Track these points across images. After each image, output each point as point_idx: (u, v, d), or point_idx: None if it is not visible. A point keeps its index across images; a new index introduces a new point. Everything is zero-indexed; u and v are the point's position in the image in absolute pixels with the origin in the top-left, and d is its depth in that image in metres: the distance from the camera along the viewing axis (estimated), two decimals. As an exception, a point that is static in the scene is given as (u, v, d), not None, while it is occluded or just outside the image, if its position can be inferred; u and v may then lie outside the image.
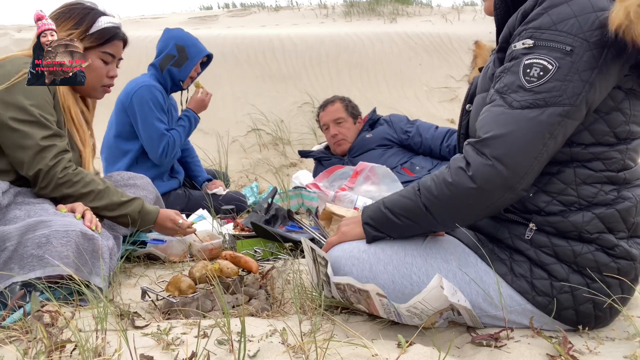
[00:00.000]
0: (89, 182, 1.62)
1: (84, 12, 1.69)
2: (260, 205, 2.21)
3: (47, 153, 1.55)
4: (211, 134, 4.54)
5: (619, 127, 1.09)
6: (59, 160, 1.57)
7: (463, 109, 1.32)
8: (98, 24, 1.69)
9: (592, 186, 1.10)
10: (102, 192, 1.64)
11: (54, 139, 1.58)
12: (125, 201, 1.69)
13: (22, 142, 1.53)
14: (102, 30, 1.69)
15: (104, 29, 1.70)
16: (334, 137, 3.15)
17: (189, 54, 2.77)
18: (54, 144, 1.57)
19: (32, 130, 1.53)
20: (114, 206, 1.66)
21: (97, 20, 1.69)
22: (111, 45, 1.74)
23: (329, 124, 3.16)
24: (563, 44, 1.01)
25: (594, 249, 1.09)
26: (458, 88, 5.26)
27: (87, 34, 1.68)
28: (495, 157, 1.03)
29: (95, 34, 1.68)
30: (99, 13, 1.72)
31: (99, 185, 1.65)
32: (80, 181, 1.60)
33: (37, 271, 1.30)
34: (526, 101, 1.03)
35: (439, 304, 1.09)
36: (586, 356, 1.03)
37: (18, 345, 1.02)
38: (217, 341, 1.03)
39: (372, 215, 1.24)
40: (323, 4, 8.61)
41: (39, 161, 1.54)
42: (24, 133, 1.52)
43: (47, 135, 1.56)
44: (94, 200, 1.62)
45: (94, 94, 1.81)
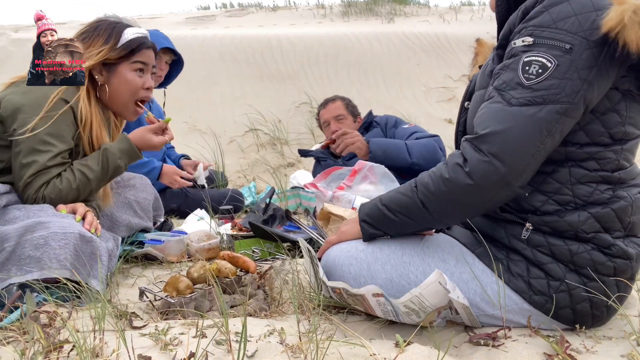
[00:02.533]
0: (72, 181, 1.58)
1: (110, 27, 1.70)
2: (258, 206, 2.21)
3: (25, 170, 1.54)
4: (209, 133, 4.54)
5: (615, 127, 1.09)
6: (32, 179, 1.54)
7: (462, 107, 1.32)
8: (125, 36, 1.70)
9: (587, 185, 1.10)
10: (82, 180, 1.60)
11: (55, 166, 1.57)
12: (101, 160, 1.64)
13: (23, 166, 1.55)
14: (129, 41, 1.71)
15: (131, 40, 1.71)
16: (334, 134, 3.14)
17: None
18: (35, 160, 1.54)
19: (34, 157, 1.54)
20: (102, 174, 1.64)
21: (123, 33, 1.71)
22: (140, 54, 1.73)
23: (330, 121, 3.15)
24: (563, 42, 1.02)
25: (590, 248, 1.10)
26: (456, 88, 5.27)
27: (116, 48, 1.69)
28: (493, 153, 1.03)
29: (123, 45, 1.69)
30: (124, 26, 1.73)
31: (75, 179, 1.60)
32: (61, 191, 1.56)
33: (35, 273, 1.29)
34: (524, 98, 1.03)
35: (438, 300, 1.09)
36: (583, 355, 1.03)
37: (15, 346, 1.01)
38: (215, 341, 1.03)
39: (369, 212, 1.24)
40: (321, 4, 8.62)
41: (27, 189, 1.54)
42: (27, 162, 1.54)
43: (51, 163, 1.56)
44: (85, 188, 1.61)
45: (126, 113, 1.79)
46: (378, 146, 2.80)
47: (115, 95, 1.73)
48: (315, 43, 5.70)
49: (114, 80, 1.71)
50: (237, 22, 7.97)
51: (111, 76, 1.71)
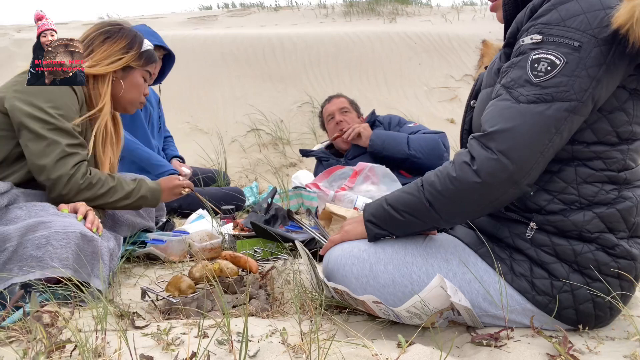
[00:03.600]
0: (105, 181, 1.69)
1: (132, 35, 1.84)
2: (260, 205, 2.21)
3: (69, 160, 1.59)
4: (211, 133, 4.54)
5: (622, 127, 1.09)
6: (79, 166, 1.62)
7: (467, 105, 1.32)
8: (144, 46, 1.87)
9: (593, 185, 1.10)
10: (116, 186, 1.72)
11: (77, 147, 1.63)
12: (136, 187, 1.78)
13: (46, 149, 1.56)
14: (148, 51, 1.88)
15: (149, 50, 1.89)
16: (339, 125, 3.09)
17: None
18: (77, 152, 1.62)
19: (57, 137, 1.58)
20: (129, 194, 1.75)
21: (143, 43, 1.87)
22: (152, 66, 1.94)
23: (335, 113, 3.12)
24: (571, 40, 1.01)
25: (594, 249, 1.09)
26: (458, 88, 5.26)
27: (139, 54, 1.84)
28: (501, 151, 1.03)
29: (143, 54, 1.86)
30: (142, 37, 1.89)
31: (111, 181, 1.71)
32: (97, 182, 1.66)
33: (36, 272, 1.29)
34: (533, 96, 1.03)
35: (440, 303, 1.09)
36: (586, 356, 1.03)
37: (18, 346, 1.01)
38: (217, 341, 1.03)
39: (374, 212, 1.24)
40: (322, 4, 8.62)
41: (60, 168, 1.57)
42: (50, 140, 1.57)
43: (72, 144, 1.61)
44: (112, 196, 1.70)
45: (130, 108, 1.93)
46: (377, 136, 2.86)
47: (127, 94, 1.86)
48: (317, 43, 5.70)
49: (127, 81, 1.85)
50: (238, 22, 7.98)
51: (126, 77, 1.84)
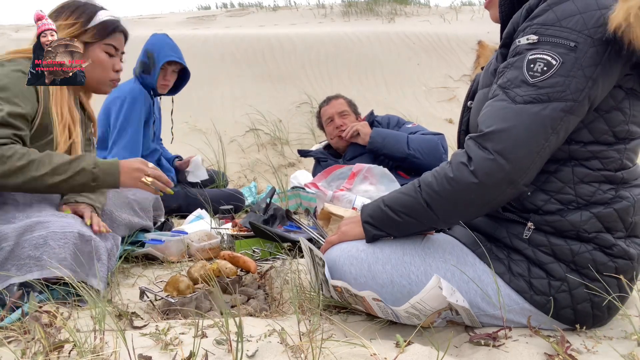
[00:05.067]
0: (25, 154, 1.45)
1: (82, 7, 1.71)
2: (259, 205, 2.21)
3: None
4: (209, 133, 4.54)
5: (618, 126, 1.09)
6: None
7: (464, 106, 1.32)
8: (98, 17, 1.70)
9: (590, 185, 1.10)
10: (41, 159, 1.47)
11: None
12: (73, 158, 1.53)
13: None
14: (103, 23, 1.71)
15: (104, 21, 1.71)
16: (338, 129, 3.11)
17: (155, 61, 2.72)
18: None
19: None
20: (62, 167, 1.49)
21: (96, 14, 1.71)
22: (113, 38, 1.75)
23: (334, 116, 3.13)
24: (567, 40, 1.02)
25: (591, 248, 1.10)
26: (456, 88, 5.27)
27: (88, 27, 1.68)
28: (498, 151, 1.03)
29: (96, 27, 1.69)
30: (98, 7, 1.74)
31: (37, 154, 1.48)
32: (13, 155, 1.43)
33: (35, 272, 1.29)
34: (529, 96, 1.03)
35: (438, 304, 1.09)
36: (584, 355, 1.03)
37: (16, 346, 1.01)
38: (216, 341, 1.03)
39: (372, 213, 1.24)
40: (321, 4, 8.62)
41: None
42: None
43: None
44: (37, 169, 1.45)
45: (103, 88, 1.80)
46: (378, 134, 2.86)
47: (90, 72, 1.71)
48: (316, 43, 5.70)
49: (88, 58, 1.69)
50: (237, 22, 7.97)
51: (85, 54, 1.68)
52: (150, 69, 2.72)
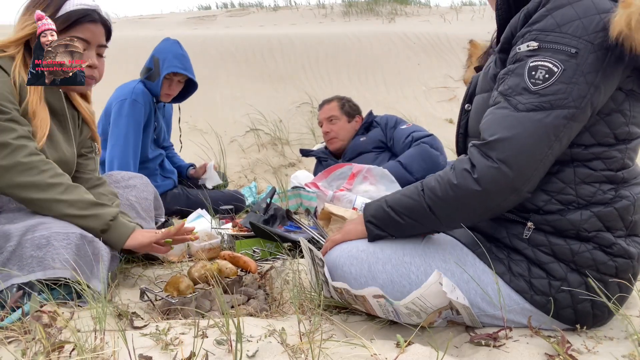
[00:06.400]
0: (59, 175, 1.44)
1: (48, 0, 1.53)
2: (259, 205, 2.21)
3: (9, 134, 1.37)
4: (210, 133, 4.54)
5: (619, 128, 1.09)
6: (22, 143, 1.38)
7: (462, 109, 1.32)
8: (65, 7, 1.52)
9: (591, 185, 1.10)
10: (70, 186, 1.45)
11: (12, 123, 1.40)
12: (98, 202, 1.50)
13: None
14: (67, 13, 1.51)
15: (70, 11, 1.52)
16: (326, 135, 3.26)
17: (159, 69, 2.62)
18: (14, 127, 1.39)
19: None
20: (83, 204, 1.45)
21: (64, 4, 1.52)
22: (80, 29, 1.53)
23: (323, 122, 3.26)
24: (568, 46, 1.01)
25: (591, 248, 1.10)
26: (456, 88, 5.27)
27: (54, 19, 1.48)
28: (502, 159, 1.03)
29: (60, 17, 1.50)
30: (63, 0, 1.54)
31: (69, 180, 1.47)
32: (49, 170, 1.41)
33: (38, 273, 1.29)
34: (531, 104, 1.03)
35: (438, 301, 1.09)
36: (584, 355, 1.03)
37: (16, 346, 1.01)
38: (216, 341, 1.03)
39: (375, 213, 1.24)
40: (321, 4, 8.62)
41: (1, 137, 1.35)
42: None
43: (6, 119, 1.39)
44: (64, 193, 1.43)
45: (77, 86, 1.58)
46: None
47: None
48: (316, 43, 5.70)
49: None
50: (237, 22, 7.98)
51: None
52: (154, 77, 2.64)
